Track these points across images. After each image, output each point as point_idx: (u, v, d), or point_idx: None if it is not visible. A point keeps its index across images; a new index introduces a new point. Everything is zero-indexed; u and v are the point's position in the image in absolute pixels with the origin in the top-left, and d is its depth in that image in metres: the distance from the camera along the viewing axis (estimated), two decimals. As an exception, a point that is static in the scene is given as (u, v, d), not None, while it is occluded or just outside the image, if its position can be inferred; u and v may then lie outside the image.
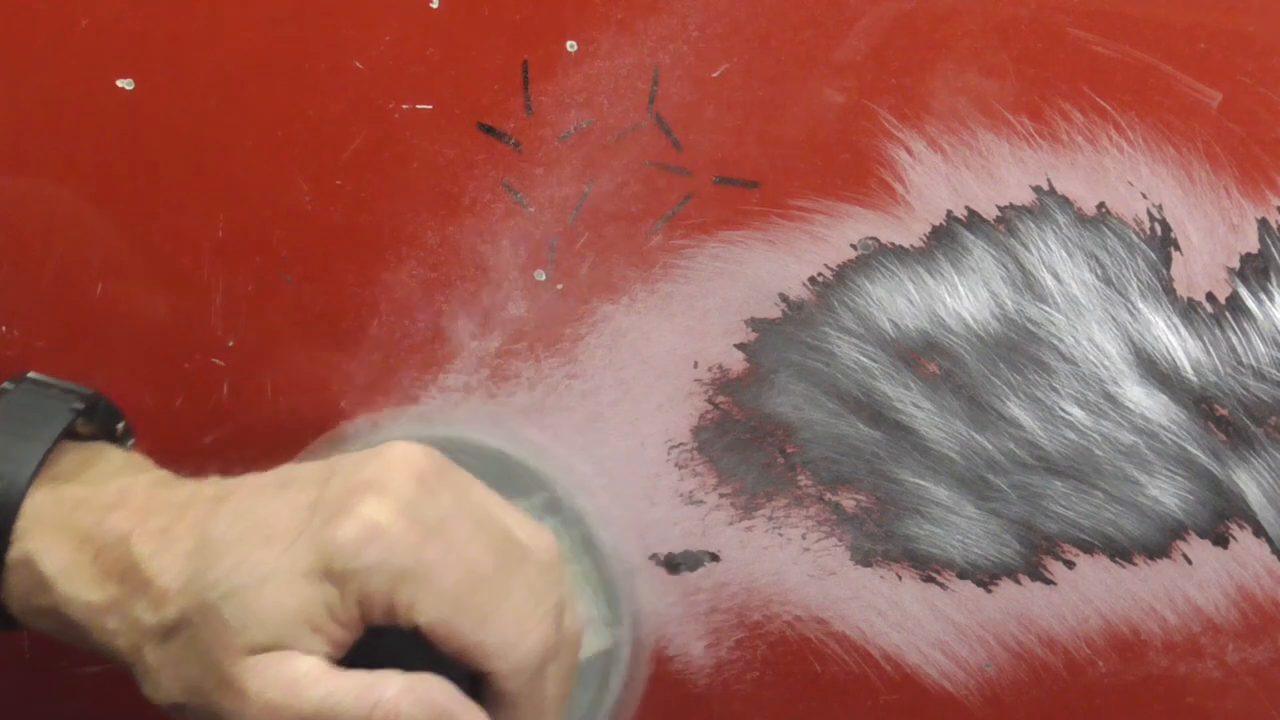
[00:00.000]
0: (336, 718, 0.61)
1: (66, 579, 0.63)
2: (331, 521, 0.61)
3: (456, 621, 0.61)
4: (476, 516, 0.63)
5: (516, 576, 0.63)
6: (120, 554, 0.63)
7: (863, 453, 0.77)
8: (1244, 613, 0.77)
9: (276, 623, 0.60)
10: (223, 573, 0.61)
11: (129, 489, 0.65)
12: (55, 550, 0.63)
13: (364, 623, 0.62)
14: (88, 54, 0.73)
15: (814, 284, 0.77)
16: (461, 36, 0.75)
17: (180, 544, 0.62)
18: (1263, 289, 0.75)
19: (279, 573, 0.61)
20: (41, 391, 0.67)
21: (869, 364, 0.77)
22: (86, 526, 0.63)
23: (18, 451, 0.64)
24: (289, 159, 0.76)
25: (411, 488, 0.62)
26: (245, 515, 0.62)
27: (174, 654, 0.62)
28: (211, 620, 0.61)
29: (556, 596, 0.64)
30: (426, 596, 0.61)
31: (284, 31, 0.75)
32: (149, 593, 0.62)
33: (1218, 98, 0.75)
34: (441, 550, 0.61)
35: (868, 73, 0.75)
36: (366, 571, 0.60)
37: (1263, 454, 0.76)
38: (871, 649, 0.78)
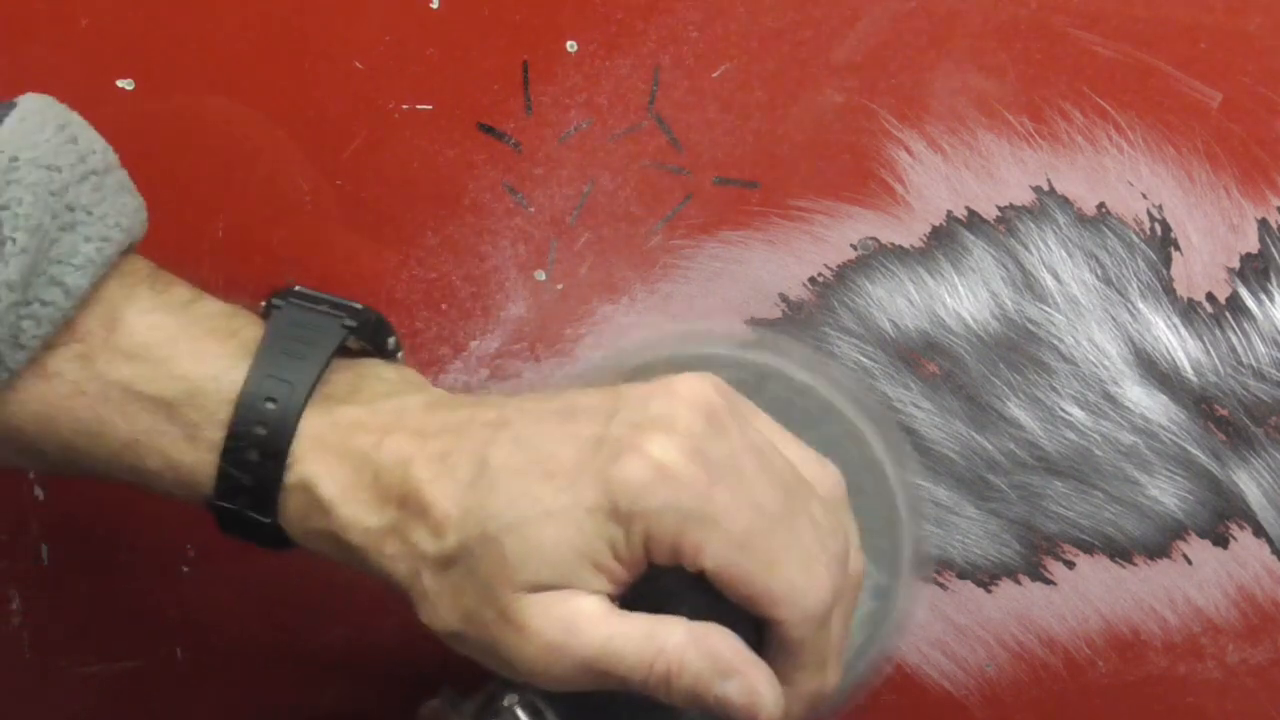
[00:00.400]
0: (618, 663, 0.60)
1: (345, 502, 0.62)
2: (619, 459, 0.60)
3: (745, 567, 0.60)
4: (764, 454, 0.62)
5: (804, 518, 0.61)
6: (399, 478, 0.62)
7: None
8: (1244, 613, 0.77)
9: (559, 559, 0.59)
10: (504, 504, 0.60)
11: (405, 409, 0.63)
12: (334, 474, 0.62)
13: (647, 562, 0.60)
14: (88, 54, 0.73)
15: (814, 284, 0.77)
16: (461, 36, 0.75)
17: (460, 470, 0.61)
18: (1263, 289, 0.75)
19: (563, 509, 0.60)
20: (311, 307, 0.65)
21: (869, 364, 0.77)
22: (364, 449, 0.62)
23: (291, 372, 0.63)
24: (289, 159, 0.76)
25: (701, 425, 0.61)
26: (527, 445, 0.61)
27: (453, 582, 0.61)
28: (492, 552, 0.60)
29: (843, 537, 0.63)
30: (715, 540, 0.60)
31: (284, 31, 0.75)
32: (428, 519, 0.61)
33: (1218, 98, 0.75)
34: (730, 493, 0.60)
35: (868, 73, 0.75)
36: (655, 512, 0.59)
37: (1263, 454, 0.76)
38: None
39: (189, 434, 0.63)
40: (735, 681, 0.60)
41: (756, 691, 0.61)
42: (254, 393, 0.62)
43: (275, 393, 0.62)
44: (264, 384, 0.62)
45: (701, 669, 0.60)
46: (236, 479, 0.62)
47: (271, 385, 0.62)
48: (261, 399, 0.62)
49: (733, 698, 0.60)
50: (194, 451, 0.63)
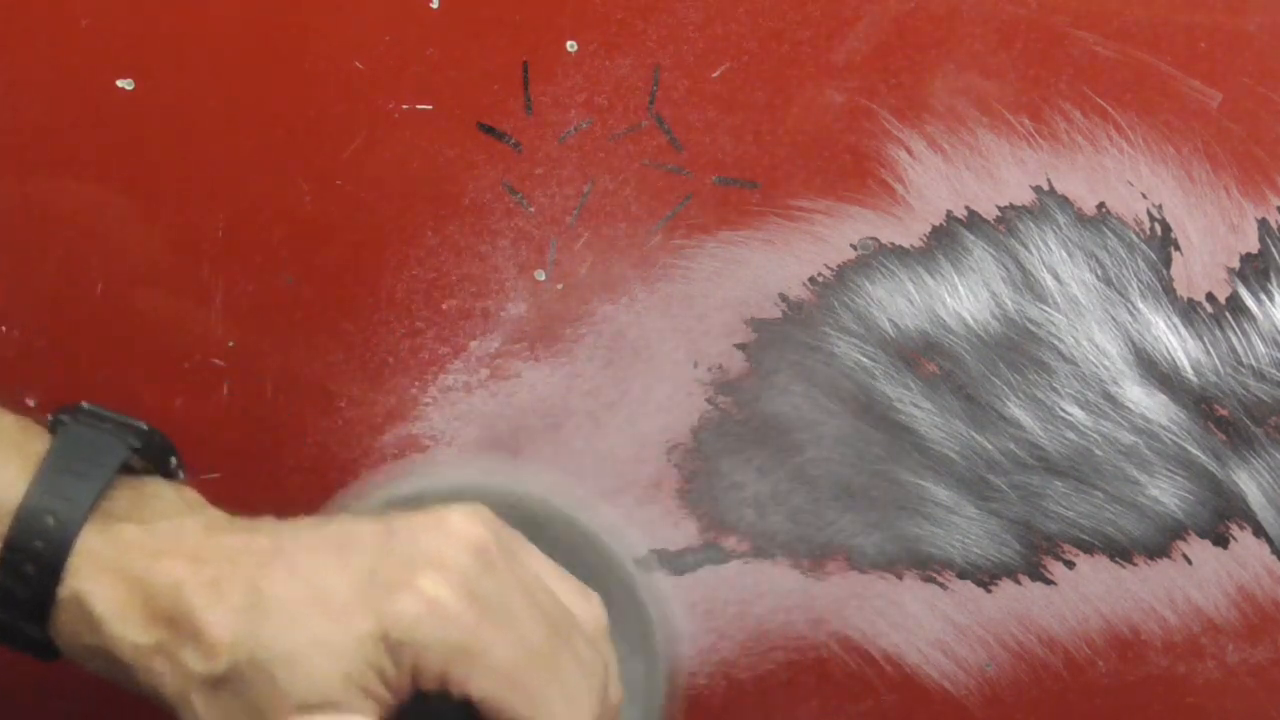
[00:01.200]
0: None
1: (116, 619, 0.64)
2: (391, 594, 0.62)
3: (509, 699, 0.62)
4: (531, 591, 0.64)
5: (567, 653, 0.64)
6: (171, 601, 0.63)
7: (863, 453, 0.77)
8: (1244, 613, 0.77)
9: (328, 686, 0.62)
10: (276, 632, 0.62)
11: (182, 532, 0.65)
12: (106, 591, 0.64)
13: (413, 689, 0.63)
14: (88, 54, 0.73)
15: (814, 284, 0.77)
16: (461, 36, 0.75)
17: (232, 598, 0.63)
18: (1263, 289, 0.75)
19: (334, 639, 0.62)
20: (97, 425, 0.67)
21: (869, 364, 0.77)
22: (138, 570, 0.64)
23: (73, 490, 0.64)
24: (289, 159, 0.76)
25: (469, 561, 0.63)
26: (301, 577, 0.63)
27: (222, 704, 0.63)
28: (263, 678, 0.62)
29: (603, 668, 0.66)
30: (481, 673, 0.62)
31: (284, 32, 0.75)
32: (200, 642, 0.63)
33: (1218, 98, 0.75)
34: (497, 628, 0.63)
35: (868, 73, 0.75)
36: (423, 645, 0.62)
37: (1263, 454, 0.76)
38: (871, 649, 0.78)
39: None
40: None
41: None
42: (34, 507, 0.64)
43: (55, 508, 0.64)
44: (43, 500, 0.64)
45: None
46: (11, 590, 0.64)
47: (51, 501, 0.64)
48: (41, 514, 0.64)
49: None
50: None
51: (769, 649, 0.78)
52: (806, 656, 0.78)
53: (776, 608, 0.78)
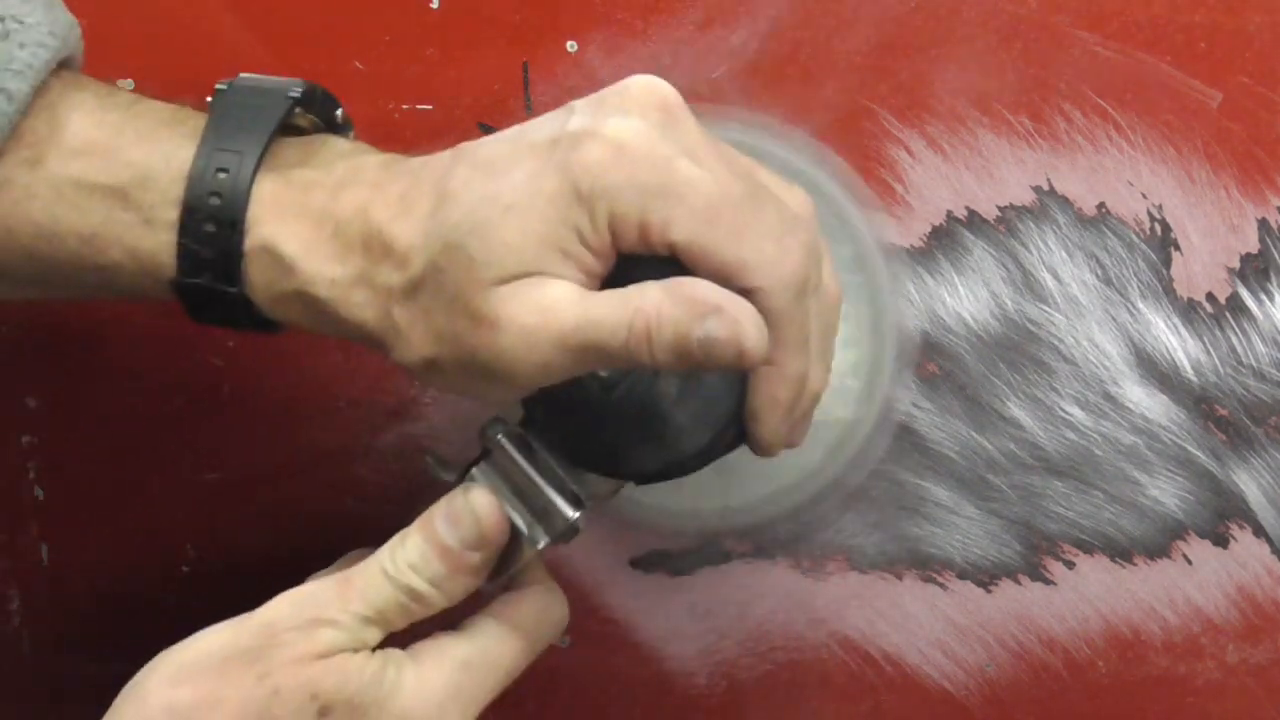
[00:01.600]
0: (595, 331, 0.58)
1: (309, 257, 0.61)
2: (576, 146, 0.58)
3: (713, 236, 0.58)
4: (725, 150, 0.61)
5: (769, 204, 0.60)
6: (360, 225, 0.61)
7: (863, 453, 0.77)
8: (1244, 613, 0.77)
9: (524, 249, 0.58)
10: (465, 213, 0.59)
11: (359, 167, 0.63)
12: (294, 231, 0.62)
13: (615, 249, 0.59)
14: (88, 54, 0.73)
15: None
16: (461, 36, 0.75)
17: (420, 205, 0.61)
18: (1263, 289, 0.75)
19: (523, 200, 0.58)
20: (256, 86, 0.65)
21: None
22: (322, 204, 0.62)
23: (240, 142, 0.62)
24: (289, 159, 0.76)
25: (656, 114, 0.59)
26: (484, 164, 0.60)
27: (423, 305, 0.60)
28: (457, 259, 0.59)
29: (813, 238, 0.61)
30: (680, 212, 0.58)
31: (284, 32, 0.75)
32: (393, 254, 0.60)
33: (1218, 98, 0.75)
34: (691, 168, 0.58)
35: (868, 73, 0.75)
36: (616, 189, 0.58)
37: (1263, 454, 0.76)
38: (871, 649, 0.78)
39: (145, 217, 0.62)
40: (715, 318, 0.58)
41: (739, 322, 0.58)
42: (204, 166, 0.62)
43: (226, 163, 0.62)
44: (214, 157, 0.62)
45: (680, 314, 0.58)
46: (197, 253, 0.62)
47: (221, 157, 0.62)
48: (212, 171, 0.62)
49: (715, 334, 0.58)
50: (152, 234, 0.62)
51: (769, 649, 0.78)
52: (806, 656, 0.78)
53: (776, 608, 0.78)
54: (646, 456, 0.62)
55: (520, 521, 0.63)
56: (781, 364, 0.60)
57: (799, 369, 0.61)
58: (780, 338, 0.60)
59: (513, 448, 0.63)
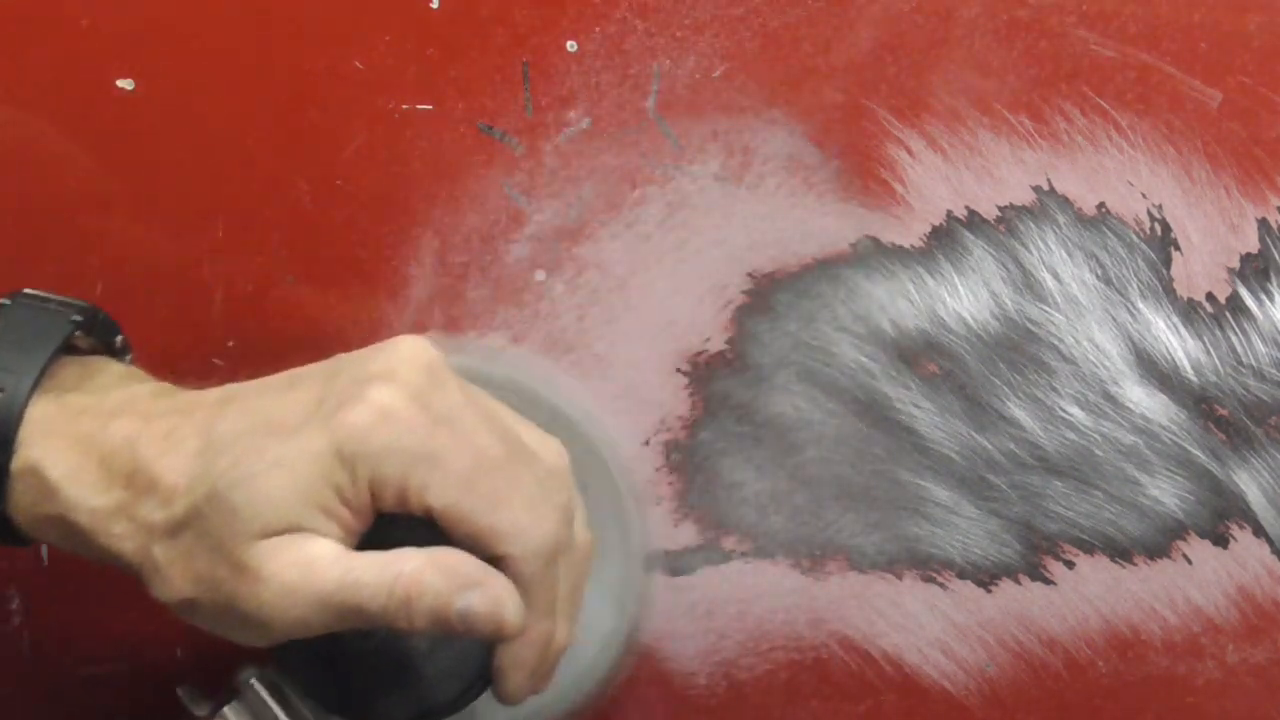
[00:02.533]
0: (356, 593, 0.60)
1: (72, 484, 0.62)
2: (342, 407, 0.60)
3: (469, 504, 0.60)
4: (486, 412, 0.63)
5: (526, 470, 0.62)
6: (127, 458, 0.62)
7: (863, 453, 0.77)
8: (1244, 613, 0.77)
9: (288, 505, 0.60)
10: (231, 462, 0.60)
11: (132, 397, 0.64)
12: (60, 456, 0.63)
13: (374, 510, 0.61)
14: (88, 54, 0.73)
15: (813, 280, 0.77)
16: (461, 36, 0.75)
17: (187, 444, 0.62)
18: (1263, 289, 0.75)
19: (288, 458, 0.60)
20: (39, 305, 0.66)
21: (869, 364, 0.77)
22: (91, 432, 0.63)
23: (18, 363, 0.63)
24: (289, 159, 0.76)
25: (422, 378, 0.61)
26: (252, 413, 0.62)
27: (184, 547, 0.61)
28: (222, 508, 0.60)
29: (566, 497, 0.63)
30: (439, 479, 0.60)
31: (284, 31, 0.75)
32: (157, 492, 0.62)
33: (1218, 98, 0.75)
34: (453, 436, 0.61)
35: (868, 73, 0.75)
36: (378, 454, 0.60)
37: (1263, 454, 0.76)
38: (871, 649, 0.78)
39: None
40: (477, 592, 0.60)
41: (499, 599, 0.61)
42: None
43: (2, 382, 0.63)
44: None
45: (441, 585, 0.60)
46: None
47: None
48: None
49: (476, 608, 0.60)
50: None
51: (769, 649, 0.78)
52: (806, 656, 0.78)
53: (776, 608, 0.78)
54: (396, 707, 0.64)
55: None
56: (529, 629, 0.63)
57: (545, 631, 0.64)
58: (529, 602, 0.62)
59: (265, 691, 0.64)
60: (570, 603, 0.65)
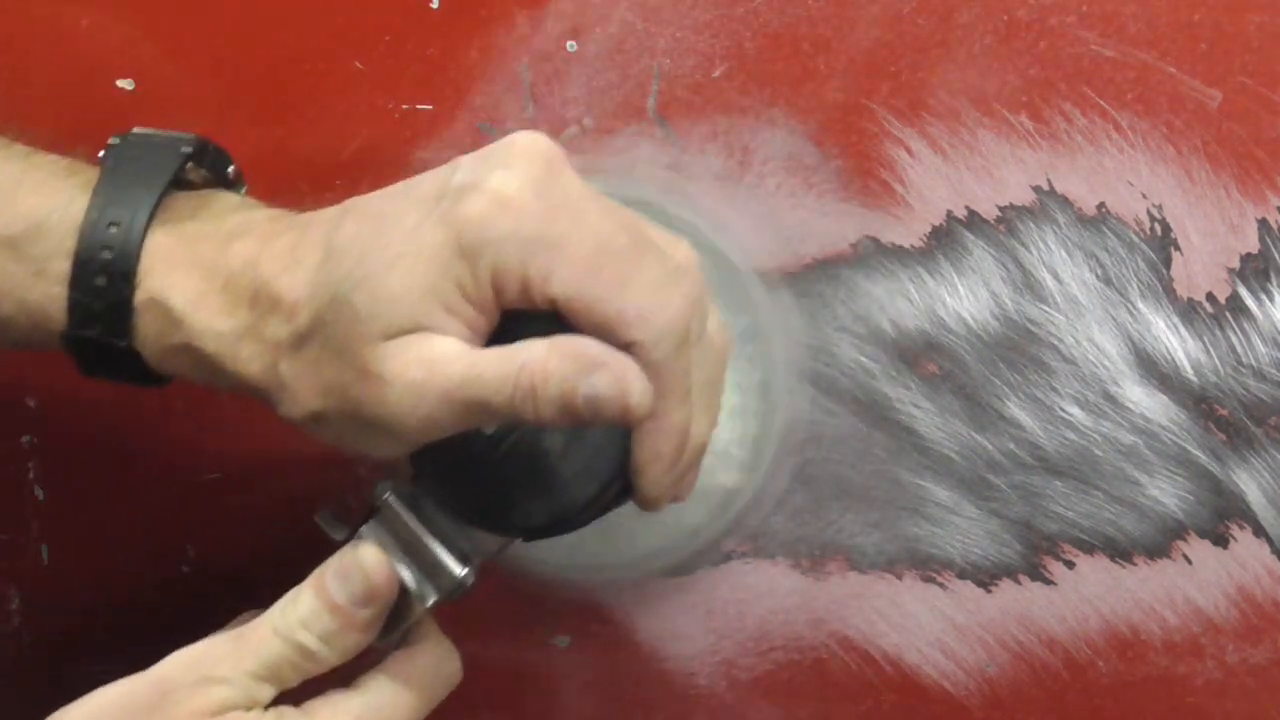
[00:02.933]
0: (481, 386, 0.59)
1: (197, 310, 0.62)
2: (460, 200, 0.59)
3: (593, 289, 0.59)
4: (607, 203, 0.61)
5: (653, 258, 0.60)
6: (249, 278, 0.62)
7: (863, 453, 0.77)
8: (1244, 613, 0.77)
9: (409, 303, 0.59)
10: (351, 266, 0.60)
11: (250, 221, 0.64)
12: (183, 284, 0.62)
13: (498, 304, 0.60)
14: (88, 54, 0.73)
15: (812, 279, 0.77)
16: (461, 36, 0.75)
17: (308, 258, 0.61)
18: (1263, 289, 0.75)
19: (407, 254, 0.59)
20: (148, 141, 0.66)
21: (869, 364, 0.77)
22: (211, 257, 0.62)
23: (132, 196, 0.63)
24: (289, 159, 0.76)
25: (540, 167, 0.60)
26: (371, 217, 0.61)
27: (309, 359, 0.61)
28: (343, 313, 0.59)
29: (696, 290, 0.61)
30: (561, 265, 0.59)
31: (284, 31, 0.75)
32: (280, 308, 0.61)
33: (1218, 98, 0.75)
34: (572, 221, 0.59)
35: (868, 73, 0.75)
36: (498, 242, 0.59)
37: (1263, 454, 0.76)
38: (871, 649, 0.78)
39: (37, 269, 0.63)
40: (601, 374, 0.59)
41: (624, 379, 0.59)
42: (96, 219, 0.63)
43: (117, 217, 0.63)
44: (106, 211, 0.63)
45: (566, 370, 0.58)
46: (87, 306, 0.62)
47: (113, 211, 0.63)
48: (104, 224, 0.62)
49: (601, 390, 0.58)
50: (43, 286, 0.63)
51: (769, 649, 0.78)
52: (806, 656, 0.78)
53: (776, 608, 0.78)
54: (533, 511, 0.63)
55: (410, 579, 0.63)
56: (663, 416, 0.61)
57: (681, 421, 0.62)
58: (661, 389, 0.60)
59: (401, 506, 0.64)
60: (706, 394, 0.63)
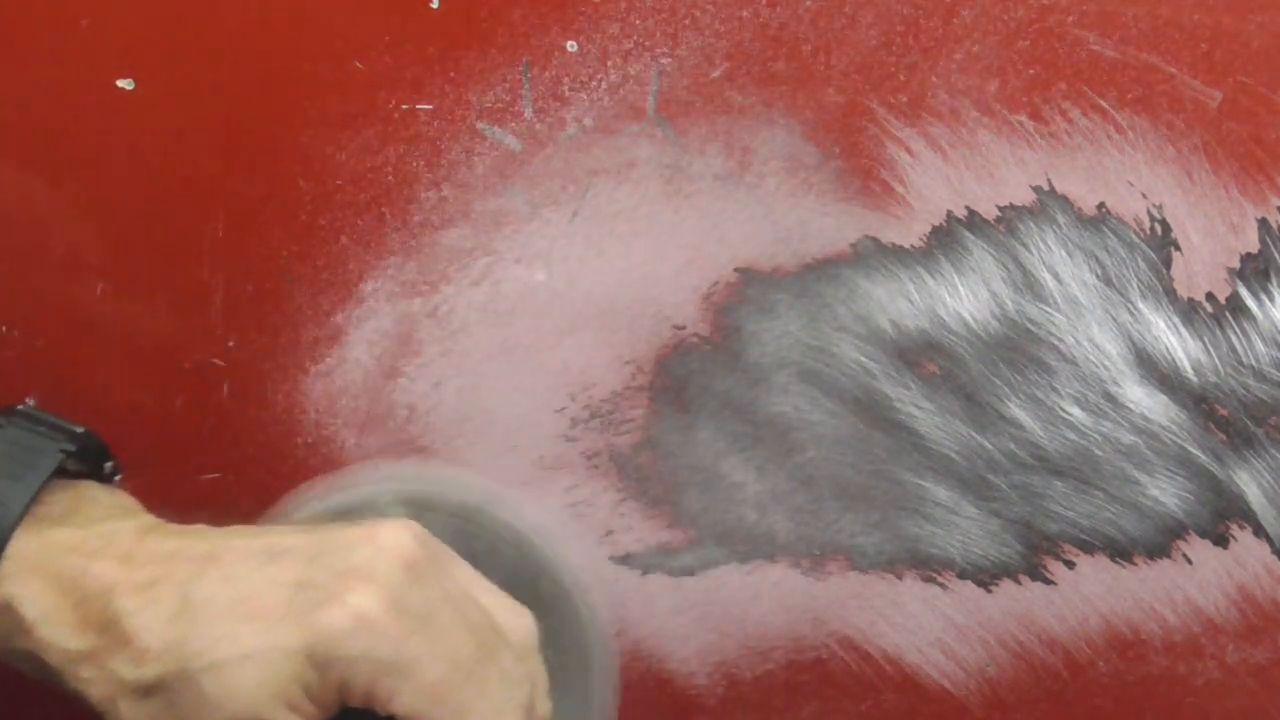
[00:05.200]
0: None
1: (47, 624, 0.64)
2: (319, 607, 0.62)
3: (434, 715, 0.62)
4: (459, 603, 0.65)
5: (494, 667, 0.64)
6: (102, 605, 0.63)
7: (863, 453, 0.77)
8: (1244, 613, 0.77)
9: (254, 700, 0.62)
10: (206, 644, 0.62)
11: (116, 535, 0.65)
12: (38, 596, 0.64)
13: (339, 705, 0.63)
14: (88, 54, 0.73)
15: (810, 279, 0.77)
16: (461, 36, 0.75)
17: (164, 604, 0.63)
18: (1263, 289, 0.76)
19: (261, 651, 0.62)
20: (32, 429, 0.67)
21: (869, 364, 0.77)
22: (71, 573, 0.64)
23: (6, 493, 0.65)
24: (289, 159, 0.76)
25: (400, 576, 0.63)
26: (231, 584, 0.63)
27: (151, 712, 0.63)
28: (191, 689, 0.62)
29: (530, 685, 0.66)
30: (407, 689, 0.62)
31: (284, 31, 0.75)
32: (129, 649, 0.63)
33: (1218, 98, 0.75)
34: (426, 644, 0.63)
35: (868, 73, 0.75)
36: (351, 660, 0.62)
37: (1263, 454, 0.76)
38: (871, 649, 0.78)
39: None
40: None
41: None
42: None
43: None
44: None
45: None
46: None
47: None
48: None
49: None
50: None
51: (769, 649, 0.78)
52: (806, 656, 0.78)
53: (776, 608, 0.78)
54: None
55: None
56: None
57: None
58: None
59: None
60: None
